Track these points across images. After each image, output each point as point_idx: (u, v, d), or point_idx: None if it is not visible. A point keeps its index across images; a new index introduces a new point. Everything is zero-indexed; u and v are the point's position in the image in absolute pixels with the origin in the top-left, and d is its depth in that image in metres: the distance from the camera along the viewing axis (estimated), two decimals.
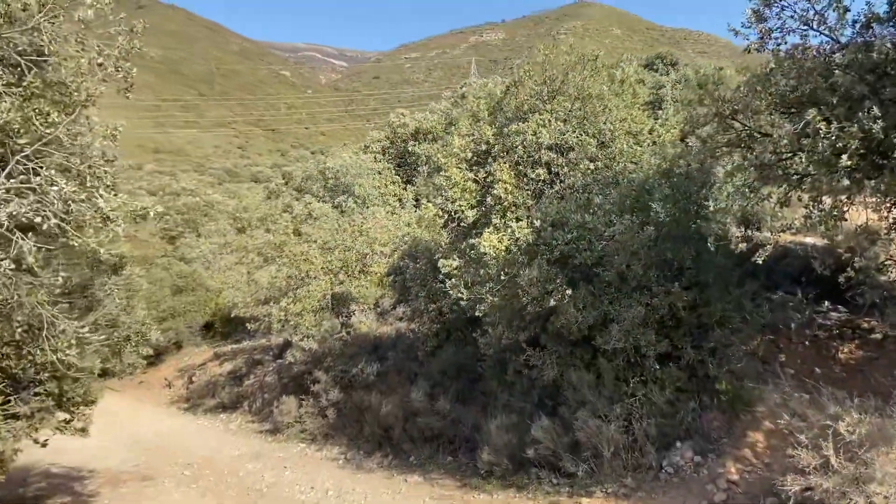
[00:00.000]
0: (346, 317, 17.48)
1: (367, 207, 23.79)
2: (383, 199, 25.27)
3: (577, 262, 9.59)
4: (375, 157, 28.29)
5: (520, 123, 10.77)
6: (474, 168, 11.31)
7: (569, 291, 10.02)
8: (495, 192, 10.38)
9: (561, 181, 11.00)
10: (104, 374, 7.71)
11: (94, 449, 15.93)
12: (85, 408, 7.17)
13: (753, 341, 9.60)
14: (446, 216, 11.29)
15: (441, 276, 11.44)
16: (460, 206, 10.88)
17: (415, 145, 25.41)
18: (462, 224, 11.10)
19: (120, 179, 6.70)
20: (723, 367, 9.25)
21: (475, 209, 10.99)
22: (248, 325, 16.47)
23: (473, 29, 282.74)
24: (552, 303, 10.09)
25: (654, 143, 11.90)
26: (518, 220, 9.99)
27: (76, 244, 4.13)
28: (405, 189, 26.11)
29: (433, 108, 29.05)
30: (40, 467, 14.13)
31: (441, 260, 10.84)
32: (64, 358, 4.33)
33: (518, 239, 9.74)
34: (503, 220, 10.15)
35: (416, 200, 21.24)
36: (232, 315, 18.83)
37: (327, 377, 15.18)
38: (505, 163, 10.58)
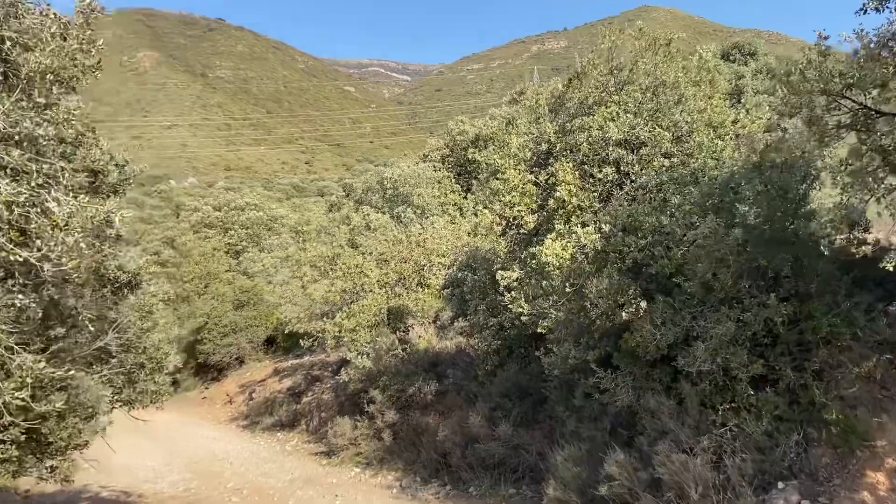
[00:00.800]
0: (404, 332, 16.66)
1: (427, 218, 23.01)
2: (443, 208, 24.46)
3: (653, 271, 8.42)
4: (434, 167, 27.55)
5: (584, 118, 9.69)
6: (534, 170, 10.28)
7: (643, 304, 8.87)
8: (558, 194, 9.31)
9: (631, 181, 9.84)
10: (128, 403, 7.06)
11: (148, 470, 15.61)
12: (71, 452, 6.45)
13: (867, 362, 8.15)
14: (504, 223, 10.29)
15: (501, 289, 10.44)
16: (519, 211, 9.86)
17: (474, 152, 24.51)
18: (522, 231, 10.07)
19: (133, 186, 6.02)
20: (831, 393, 7.87)
21: (536, 214, 9.94)
22: (301, 341, 15.84)
23: (535, 38, 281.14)
24: (624, 317, 8.95)
25: (738, 136, 10.58)
26: (584, 225, 8.89)
27: (18, 259, 3.41)
28: (465, 198, 25.23)
29: (493, 113, 28.11)
30: (91, 490, 13.81)
31: (499, 271, 9.84)
32: (11, 401, 3.61)
33: (584, 246, 8.64)
34: (567, 226, 9.07)
35: (477, 209, 20.32)
36: (286, 331, 18.31)
37: (383, 397, 14.36)
38: (568, 162, 9.50)
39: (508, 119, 10.96)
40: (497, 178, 10.20)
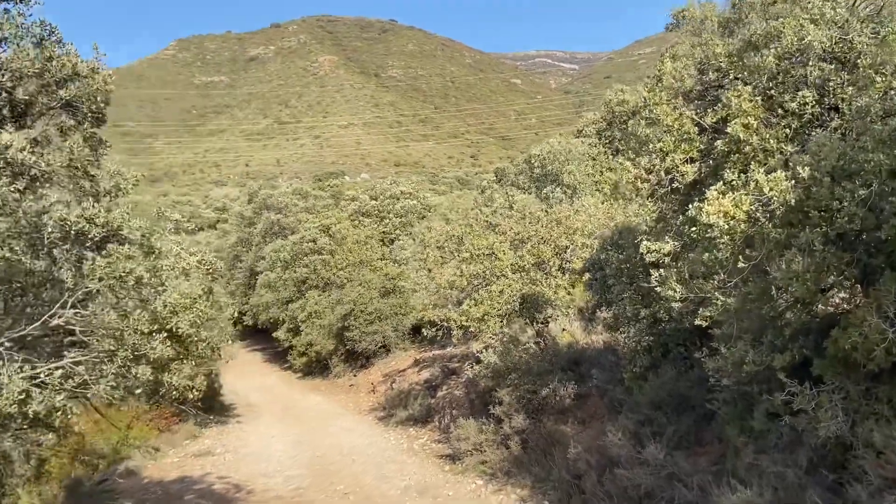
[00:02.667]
0: (543, 323, 14.39)
1: (579, 198, 20.48)
2: (597, 186, 21.75)
3: (883, 237, 5.51)
4: (590, 142, 24.82)
5: (772, 23, 6.85)
6: (696, 104, 7.60)
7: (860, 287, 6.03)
8: (731, 131, 6.59)
9: (840, 114, 6.86)
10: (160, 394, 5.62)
11: (273, 461, 14.81)
12: None
13: None
14: (655, 179, 7.69)
15: (648, 264, 7.88)
16: (674, 160, 7.24)
17: (636, 124, 21.43)
18: (677, 186, 7.43)
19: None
20: None
21: (696, 164, 7.28)
22: (423, 330, 14.15)
23: None
24: (832, 307, 6.14)
25: None
26: (769, 172, 6.12)
27: None
28: None
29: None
30: (207, 481, 13.15)
31: (644, 243, 7.31)
32: None
33: (769, 201, 5.90)
34: (743, 176, 6.34)
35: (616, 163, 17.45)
36: (422, 319, 16.75)
37: (511, 398, 12.24)
38: (747, 86, 6.74)
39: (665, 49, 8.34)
40: (644, 119, 7.66)
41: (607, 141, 24.88)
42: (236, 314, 27.17)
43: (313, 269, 33.38)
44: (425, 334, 14.68)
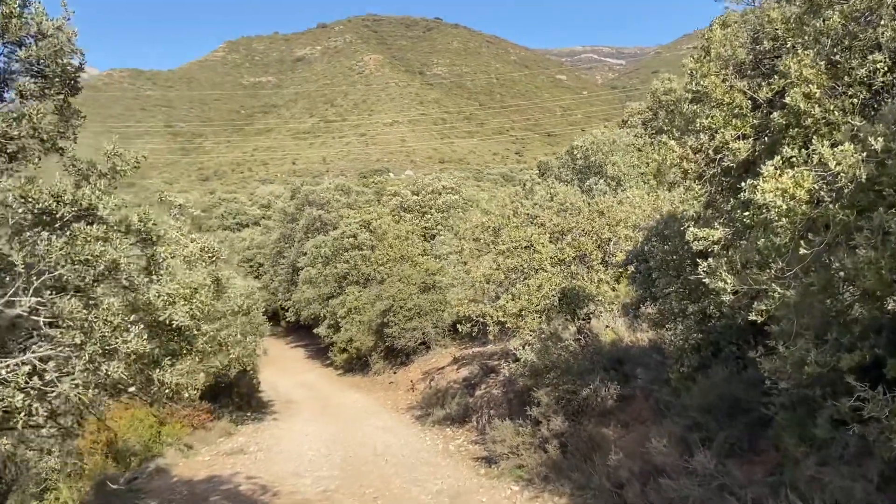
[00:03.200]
0: (584, 319, 13.69)
1: (623, 189, 19.64)
2: (643, 178, 20.86)
3: None
4: (635, 133, 23.88)
5: None
6: (749, 75, 6.84)
7: None
8: (790, 101, 5.84)
9: None
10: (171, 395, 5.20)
11: (305, 461, 14.49)
12: None
13: None
14: (702, 159, 6.97)
15: (696, 254, 7.16)
16: (724, 137, 6.50)
17: (682, 101, 20.41)
18: (728, 166, 6.68)
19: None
20: None
21: (749, 140, 6.52)
22: (459, 327, 13.59)
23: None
24: None
25: None
26: (834, 145, 5.36)
27: None
28: None
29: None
30: (234, 481, 12.87)
31: (691, 229, 6.60)
32: None
33: (835, 177, 5.15)
34: (804, 152, 5.58)
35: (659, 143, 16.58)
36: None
37: (550, 398, 11.59)
38: (808, 52, 5.97)
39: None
40: (690, 93, 6.94)
41: (653, 132, 23.92)
42: (248, 306, 26.88)
43: (353, 265, 33.16)
44: (461, 330, 14.08)
